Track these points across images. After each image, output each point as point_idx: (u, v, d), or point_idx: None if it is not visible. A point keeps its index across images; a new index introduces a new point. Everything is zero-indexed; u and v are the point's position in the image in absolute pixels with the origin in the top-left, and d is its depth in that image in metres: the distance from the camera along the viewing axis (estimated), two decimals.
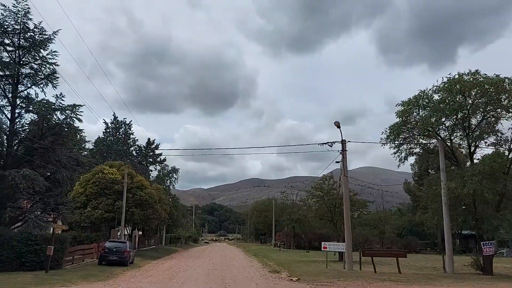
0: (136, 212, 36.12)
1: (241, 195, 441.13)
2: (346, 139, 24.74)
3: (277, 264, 29.25)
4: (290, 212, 58.79)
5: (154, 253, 41.72)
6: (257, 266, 28.70)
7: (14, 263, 20.32)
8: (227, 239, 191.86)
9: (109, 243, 26.85)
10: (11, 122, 23.83)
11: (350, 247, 23.66)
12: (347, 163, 24.60)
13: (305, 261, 32.20)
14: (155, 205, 38.03)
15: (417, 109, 24.93)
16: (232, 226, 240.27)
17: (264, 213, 75.41)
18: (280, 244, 58.28)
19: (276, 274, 22.84)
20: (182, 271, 23.92)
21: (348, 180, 24.40)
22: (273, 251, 48.47)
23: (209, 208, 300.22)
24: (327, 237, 58.76)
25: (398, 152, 27.11)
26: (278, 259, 33.61)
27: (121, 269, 23.67)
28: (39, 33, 24.26)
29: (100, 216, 34.89)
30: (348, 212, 24.17)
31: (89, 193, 35.85)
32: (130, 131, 53.31)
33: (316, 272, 22.60)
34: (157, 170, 79.42)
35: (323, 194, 34.27)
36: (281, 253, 42.56)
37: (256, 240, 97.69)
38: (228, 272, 23.43)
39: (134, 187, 37.26)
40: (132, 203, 36.45)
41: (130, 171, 38.08)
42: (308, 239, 57.43)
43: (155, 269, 25.80)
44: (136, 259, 31.79)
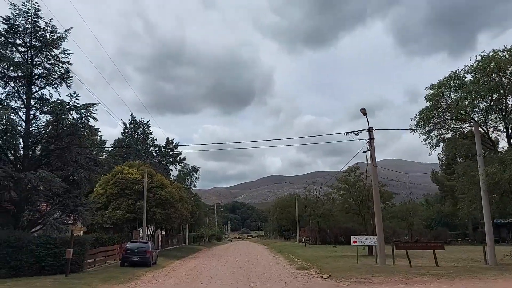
0: (157, 211, 35.44)
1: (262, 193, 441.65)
2: (373, 127, 23.34)
3: (305, 260, 28.08)
4: (314, 206, 57.40)
5: (178, 253, 41.06)
6: (283, 263, 27.60)
7: (34, 268, 19.73)
8: (250, 237, 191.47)
9: (131, 244, 26.15)
10: (26, 124, 23.30)
11: (382, 240, 22.31)
12: (375, 152, 23.20)
13: (333, 256, 30.93)
14: (176, 204, 37.29)
15: (448, 91, 23.38)
16: (255, 223, 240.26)
17: (287, 209, 74.16)
18: (305, 240, 56.95)
19: (305, 271, 21.68)
20: (206, 271, 23.00)
21: (376, 170, 23.01)
22: (299, 247, 47.26)
23: (231, 206, 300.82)
24: (353, 231, 57.18)
25: (429, 139, 25.60)
26: (304, 255, 32.42)
27: (144, 270, 22.90)
28: (50, 32, 23.61)
29: (122, 216, 34.35)
30: (378, 204, 22.82)
31: (109, 194, 35.35)
32: (149, 130, 52.92)
33: (347, 268, 21.33)
34: (178, 170, 79.34)
35: (349, 187, 32.87)
36: (307, 249, 41.34)
37: (280, 236, 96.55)
38: (254, 270, 22.40)
39: (155, 187, 36.59)
40: (153, 202, 35.79)
41: (149, 170, 37.44)
42: (334, 234, 55.97)
43: (178, 269, 24.97)
44: (159, 259, 31.11)
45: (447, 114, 23.97)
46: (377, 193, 23.11)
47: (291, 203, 74.34)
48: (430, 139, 25.49)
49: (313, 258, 29.50)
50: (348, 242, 58.00)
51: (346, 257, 30.11)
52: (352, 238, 25.53)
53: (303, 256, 32.23)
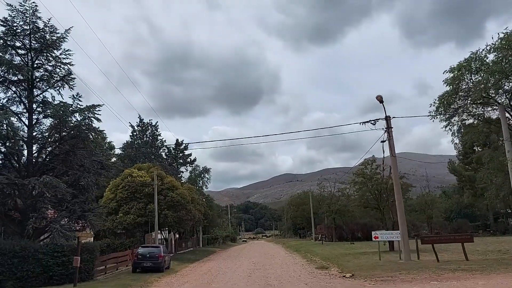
0: (169, 214, 34.52)
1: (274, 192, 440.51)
2: (390, 115, 22.07)
3: (323, 259, 26.89)
4: (329, 203, 56.04)
5: (192, 256, 40.13)
6: (301, 263, 26.45)
7: (41, 278, 18.83)
8: (265, 236, 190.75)
9: (142, 248, 25.21)
10: (29, 129, 22.50)
11: (406, 234, 21.03)
12: (393, 142, 21.94)
13: (352, 253, 29.68)
14: (188, 206, 36.33)
15: (469, 74, 22.00)
16: (269, 223, 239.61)
17: (301, 206, 72.81)
18: (322, 238, 55.67)
19: (325, 270, 20.52)
20: (221, 274, 21.95)
21: (396, 160, 21.74)
22: (315, 245, 46.04)
23: (244, 206, 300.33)
24: (371, 226, 55.73)
25: (449, 125, 24.24)
26: (323, 254, 31.24)
27: (156, 276, 21.94)
28: (50, 32, 22.80)
29: (133, 221, 33.49)
30: (400, 196, 21.53)
31: (119, 198, 34.53)
32: (157, 132, 52.06)
33: (370, 265, 20.12)
34: (189, 171, 78.61)
35: (366, 180, 31.54)
36: (324, 247, 40.10)
37: (295, 235, 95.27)
38: (271, 272, 21.30)
39: (165, 189, 35.68)
40: (164, 205, 34.88)
41: (159, 172, 36.54)
42: (350, 230, 54.63)
43: (192, 273, 23.97)
44: (172, 264, 30.17)
45: (468, 98, 22.56)
46: (398, 184, 21.83)
47: (305, 201, 73.00)
48: (450, 125, 24.13)
49: (332, 256, 28.31)
50: (366, 238, 56.73)
51: (366, 253, 28.86)
52: (372, 234, 24.28)
53: (321, 254, 31.05)
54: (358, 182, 32.13)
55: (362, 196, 32.75)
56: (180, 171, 63.05)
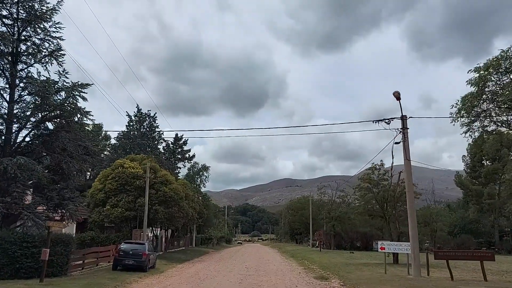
0: (159, 209, 32.38)
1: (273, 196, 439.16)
2: (407, 115, 19.96)
3: (322, 268, 24.73)
4: (330, 209, 53.84)
5: (182, 255, 38.00)
6: (298, 271, 24.29)
7: (7, 269, 16.77)
8: (261, 240, 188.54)
9: (125, 245, 23.10)
10: (9, 105, 20.47)
11: (417, 247, 18.86)
12: (409, 144, 19.80)
13: (354, 264, 27.50)
14: (181, 202, 34.19)
15: (496, 75, 19.89)
16: (266, 226, 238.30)
17: (300, 211, 70.63)
18: (320, 244, 53.47)
19: (325, 282, 18.37)
20: (209, 278, 19.83)
21: (410, 165, 19.59)
22: (313, 251, 43.80)
23: (242, 208, 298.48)
24: (371, 236, 53.48)
25: (470, 131, 22.10)
26: (321, 262, 29.06)
27: (137, 276, 19.83)
28: (39, 1, 20.88)
29: (120, 214, 31.39)
30: (413, 205, 19.36)
31: (108, 190, 32.43)
32: (155, 123, 49.89)
33: (375, 279, 17.97)
34: (187, 168, 76.50)
35: (372, 186, 29.37)
36: (322, 254, 37.88)
37: (291, 240, 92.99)
38: (265, 279, 19.16)
39: (158, 183, 33.57)
40: (156, 200, 32.76)
41: (153, 164, 34.45)
42: (350, 239, 52.37)
43: (178, 275, 21.84)
44: (160, 263, 28.11)
45: (494, 101, 20.45)
46: (411, 191, 19.67)
47: (305, 205, 70.83)
48: (471, 131, 22.00)
49: (331, 265, 26.14)
50: (365, 247, 54.48)
51: (368, 265, 26.68)
52: (378, 244, 22.10)
53: (319, 262, 28.88)
54: (363, 188, 29.95)
55: (366, 203, 30.51)
56: (178, 167, 60.96)
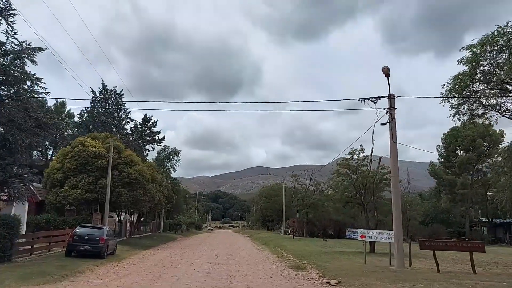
0: (123, 192, 29.99)
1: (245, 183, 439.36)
2: (394, 94, 18.36)
3: (297, 256, 23.14)
4: (303, 196, 52.56)
5: (148, 241, 35.81)
6: (272, 259, 22.62)
7: None
8: (232, 226, 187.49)
9: (80, 228, 20.77)
10: None
11: (401, 236, 17.44)
12: (395, 126, 18.24)
13: (329, 252, 26.10)
14: (147, 185, 31.88)
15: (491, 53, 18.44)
16: (237, 213, 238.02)
17: (273, 198, 69.21)
18: (292, 232, 52.22)
19: (302, 272, 16.72)
20: (173, 267, 17.85)
21: (396, 148, 18.06)
22: (285, 239, 42.38)
23: (214, 195, 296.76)
24: (343, 224, 52.64)
25: (459, 113, 20.73)
26: (295, 250, 27.54)
27: (93, 263, 17.65)
28: None
29: (80, 196, 28.87)
30: (398, 191, 17.88)
31: (66, 169, 29.78)
32: (121, 101, 46.85)
33: (355, 270, 16.43)
34: (156, 152, 73.73)
35: (351, 172, 27.92)
36: (295, 242, 36.46)
37: (263, 227, 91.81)
38: (236, 269, 17.35)
39: (122, 163, 31.12)
40: (119, 181, 30.35)
41: (117, 144, 31.94)
42: (322, 226, 51.34)
43: (140, 263, 19.75)
44: (122, 249, 25.96)
45: (486, 82, 19.05)
46: (396, 176, 18.18)
47: (278, 192, 69.51)
48: (459, 114, 20.62)
49: (306, 253, 24.63)
50: (338, 235, 53.64)
51: (345, 253, 25.32)
52: (359, 232, 20.59)
53: (293, 250, 27.34)
54: (341, 174, 28.45)
55: (344, 190, 29.04)
56: (146, 149, 58.23)
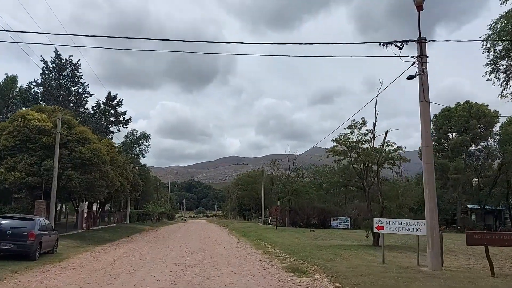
0: (74, 175, 24.61)
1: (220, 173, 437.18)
2: (425, 37, 13.77)
3: (288, 252, 18.55)
4: (285, 182, 48.03)
5: (108, 234, 30.60)
6: (258, 257, 17.90)
7: None
8: (206, 216, 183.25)
9: (4, 220, 15.51)
10: None
11: (437, 228, 12.98)
12: (428, 80, 13.68)
13: (325, 246, 21.64)
14: (104, 167, 26.55)
15: None
16: (211, 203, 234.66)
17: (251, 185, 64.54)
18: (272, 221, 47.77)
19: (305, 277, 12.06)
20: (126, 272, 12.87)
21: (429, 108, 13.55)
22: (267, 229, 37.67)
23: (187, 185, 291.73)
24: (328, 212, 48.63)
25: (495, 71, 16.41)
26: (283, 243, 23.00)
27: (14, 268, 12.57)
28: None
29: (19, 181, 23.39)
30: (431, 167, 13.32)
31: (2, 148, 24.19)
32: (78, 73, 40.68)
33: (380, 274, 11.91)
34: (124, 136, 68.04)
35: (350, 150, 23.34)
36: (280, 233, 31.86)
37: (239, 216, 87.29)
38: (214, 274, 12.53)
39: (73, 141, 25.70)
40: (69, 162, 24.95)
41: (67, 118, 26.46)
42: (306, 215, 47.09)
43: (82, 266, 14.64)
44: (69, 245, 21.04)
45: None
46: (430, 145, 13.69)
47: (255, 179, 64.94)
48: (496, 71, 16.32)
49: (299, 248, 20.13)
50: (322, 224, 49.58)
51: (344, 247, 20.92)
52: (374, 222, 16.02)
53: (281, 244, 22.78)
54: (339, 152, 23.83)
55: (342, 171, 24.38)
56: (110, 131, 52.45)
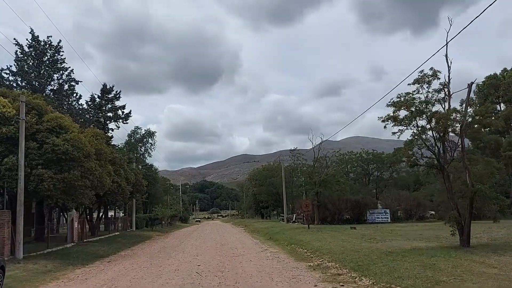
0: (46, 175, 18.55)
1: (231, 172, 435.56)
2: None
3: (350, 266, 12.32)
4: (311, 172, 41.40)
5: (103, 248, 24.56)
6: (306, 278, 11.53)
7: None
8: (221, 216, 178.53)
9: None
10: None
11: None
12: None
13: (395, 252, 15.15)
14: (88, 163, 20.40)
15: None
16: (225, 202, 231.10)
17: (268, 179, 58.04)
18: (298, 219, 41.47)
19: None
20: None
21: None
22: (297, 230, 30.83)
23: (200, 185, 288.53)
24: (364, 204, 42.12)
25: None
26: (331, 250, 16.69)
27: None
28: None
29: None
30: None
31: None
32: (60, 56, 34.43)
33: None
34: (127, 135, 62.15)
35: (416, 115, 16.70)
36: (317, 234, 25.08)
37: (257, 214, 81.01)
38: None
39: (43, 130, 19.65)
40: (39, 158, 18.93)
41: (36, 102, 20.44)
42: (337, 210, 40.47)
43: None
44: (41, 268, 15.82)
45: None
46: None
47: (273, 173, 58.60)
48: None
49: (362, 258, 13.84)
50: (357, 220, 42.80)
51: (426, 252, 14.55)
52: None
53: (328, 251, 16.49)
54: (399, 120, 17.25)
55: (409, 144, 17.65)
56: (109, 128, 46.49)
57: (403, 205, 41.27)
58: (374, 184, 56.28)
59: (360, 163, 55.90)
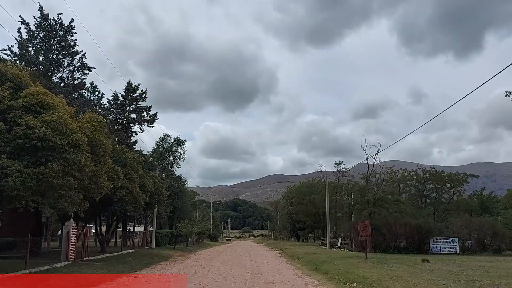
0: (12, 168, 13.26)
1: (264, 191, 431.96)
2: None
3: None
4: (362, 189, 34.78)
5: (102, 269, 19.02)
6: None
7: None
8: (252, 236, 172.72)
9: None
10: None
11: None
12: None
13: None
14: (74, 154, 15.02)
15: None
16: (257, 222, 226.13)
17: (308, 196, 51.45)
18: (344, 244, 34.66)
19: None
20: None
21: None
22: (348, 259, 23.98)
23: (232, 203, 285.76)
24: (427, 230, 34.70)
25: None
26: None
27: None
28: None
29: None
30: None
31: None
32: (72, 38, 29.91)
33: None
34: (155, 143, 57.87)
35: None
36: (382, 269, 18.53)
37: (292, 236, 74.09)
38: None
39: (17, 108, 14.54)
40: (6, 145, 13.72)
41: (14, 72, 15.41)
42: (393, 236, 33.39)
43: None
44: None
45: None
46: None
47: (313, 190, 52.00)
48: None
49: None
50: (418, 248, 35.00)
51: None
52: None
53: None
54: None
55: None
56: (132, 131, 41.88)
57: (476, 234, 33.73)
58: (431, 207, 48.61)
59: (415, 182, 48.68)
